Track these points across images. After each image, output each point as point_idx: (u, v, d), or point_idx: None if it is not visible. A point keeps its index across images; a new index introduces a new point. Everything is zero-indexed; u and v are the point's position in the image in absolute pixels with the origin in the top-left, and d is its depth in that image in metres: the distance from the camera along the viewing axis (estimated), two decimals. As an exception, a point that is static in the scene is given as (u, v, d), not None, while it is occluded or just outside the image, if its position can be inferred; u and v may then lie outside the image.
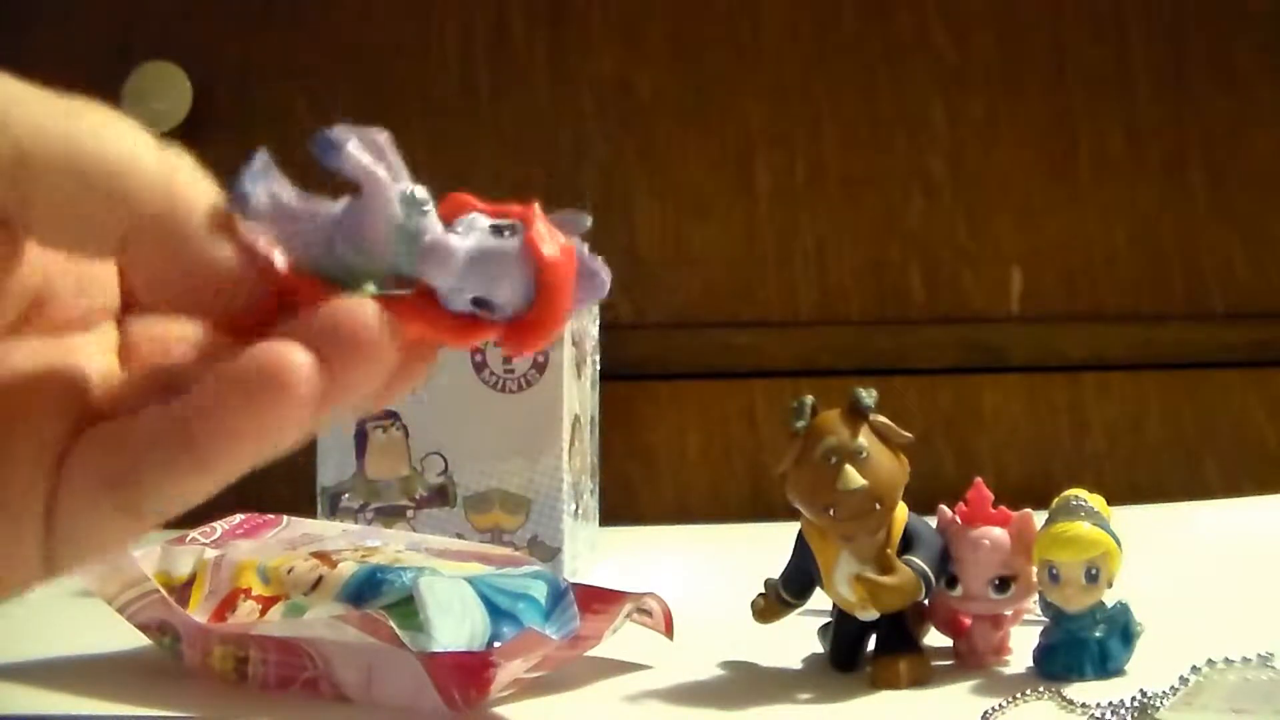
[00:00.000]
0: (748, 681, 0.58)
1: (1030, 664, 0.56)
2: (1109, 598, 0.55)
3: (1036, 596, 0.57)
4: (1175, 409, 1.04)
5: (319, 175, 0.28)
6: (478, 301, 0.28)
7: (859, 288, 1.05)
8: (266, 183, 0.28)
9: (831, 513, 0.54)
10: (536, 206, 0.28)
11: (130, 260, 0.29)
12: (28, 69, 0.27)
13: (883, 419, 0.55)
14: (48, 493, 0.28)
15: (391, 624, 0.53)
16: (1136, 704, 0.49)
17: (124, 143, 0.27)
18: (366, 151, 0.27)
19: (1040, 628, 0.56)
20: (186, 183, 0.28)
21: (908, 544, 0.56)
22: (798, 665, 0.60)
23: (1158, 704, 0.49)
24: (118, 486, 0.27)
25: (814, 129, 1.05)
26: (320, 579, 0.59)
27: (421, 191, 0.28)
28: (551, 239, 0.28)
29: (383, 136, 0.28)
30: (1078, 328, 1.05)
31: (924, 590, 0.55)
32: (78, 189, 0.27)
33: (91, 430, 0.28)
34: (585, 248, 0.29)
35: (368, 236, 0.27)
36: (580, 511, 0.81)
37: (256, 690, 0.58)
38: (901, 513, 0.56)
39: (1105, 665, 0.54)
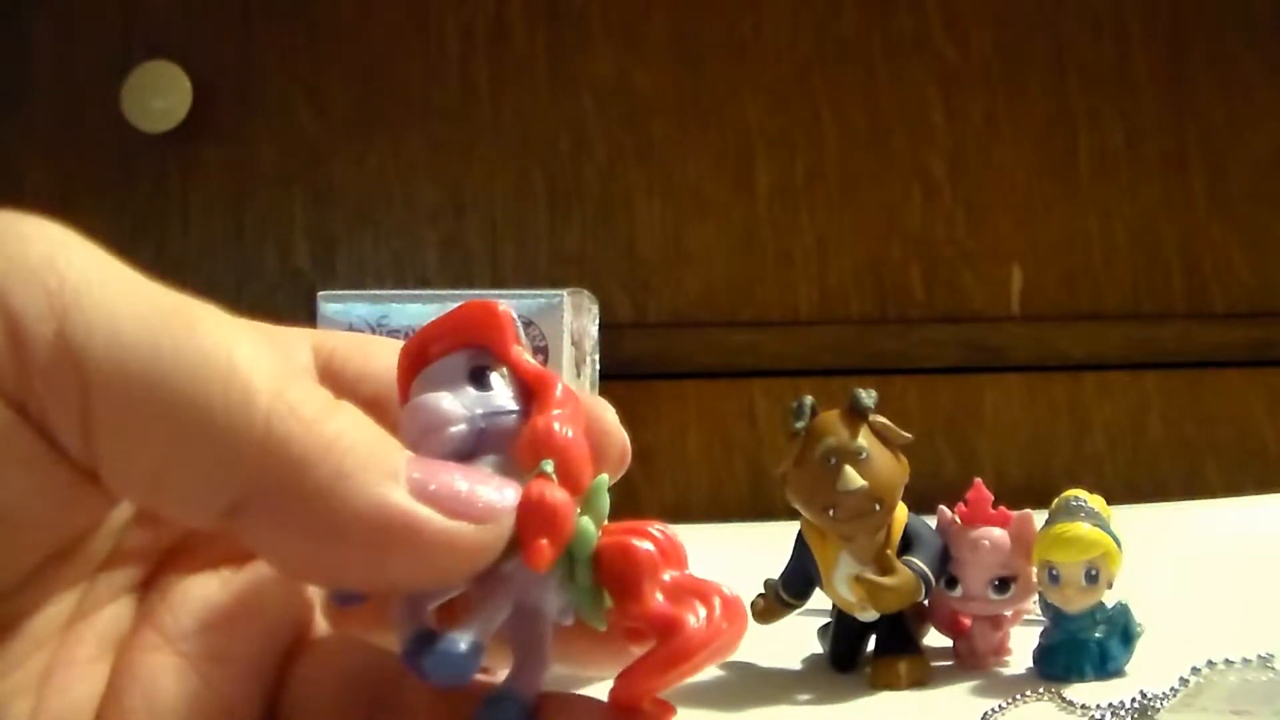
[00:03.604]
0: (748, 681, 0.58)
1: (1030, 664, 0.56)
2: (1109, 598, 0.55)
3: (1036, 597, 0.57)
4: (1175, 409, 1.04)
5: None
6: None
7: (859, 287, 1.05)
8: None
9: (831, 513, 0.54)
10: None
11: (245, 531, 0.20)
12: (28, 68, 0.27)
13: (882, 419, 0.55)
14: None
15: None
16: (1136, 705, 0.49)
17: (230, 351, 0.19)
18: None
19: (1040, 628, 0.56)
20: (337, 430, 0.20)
21: (908, 544, 0.56)
22: (798, 665, 0.60)
23: (1158, 705, 0.49)
24: None
25: (814, 129, 1.05)
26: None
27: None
28: None
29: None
30: (1078, 327, 1.05)
31: (924, 591, 0.55)
32: (155, 421, 0.18)
33: None
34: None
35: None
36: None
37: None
38: (901, 513, 0.56)
39: (1105, 666, 0.54)
